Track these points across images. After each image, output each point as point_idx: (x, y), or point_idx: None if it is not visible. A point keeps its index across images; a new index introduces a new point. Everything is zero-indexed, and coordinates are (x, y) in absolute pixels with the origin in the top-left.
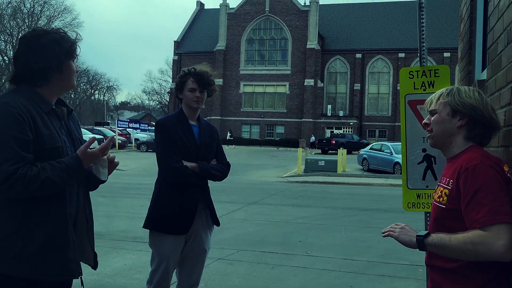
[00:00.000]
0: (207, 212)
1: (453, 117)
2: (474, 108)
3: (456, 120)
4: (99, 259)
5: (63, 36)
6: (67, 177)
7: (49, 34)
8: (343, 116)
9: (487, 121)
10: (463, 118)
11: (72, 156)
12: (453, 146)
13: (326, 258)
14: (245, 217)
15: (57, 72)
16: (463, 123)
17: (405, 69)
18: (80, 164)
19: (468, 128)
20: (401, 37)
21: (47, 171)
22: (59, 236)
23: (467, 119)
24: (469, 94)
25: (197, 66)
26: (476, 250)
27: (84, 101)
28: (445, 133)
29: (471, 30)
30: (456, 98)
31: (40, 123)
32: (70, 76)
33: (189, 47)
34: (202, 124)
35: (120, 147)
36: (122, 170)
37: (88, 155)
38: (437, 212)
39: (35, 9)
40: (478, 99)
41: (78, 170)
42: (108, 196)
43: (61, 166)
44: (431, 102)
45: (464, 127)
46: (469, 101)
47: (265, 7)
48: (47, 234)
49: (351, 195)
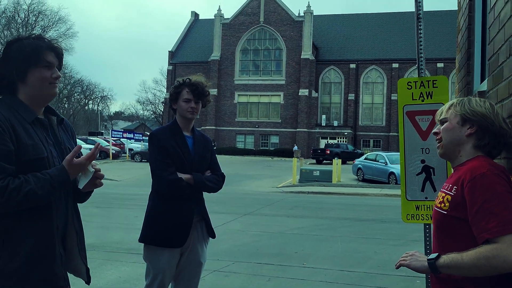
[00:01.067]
0: (203, 224)
1: (463, 125)
2: (484, 117)
3: (465, 128)
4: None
5: (30, 43)
6: (52, 189)
7: (19, 41)
8: (337, 126)
9: (497, 130)
10: (472, 127)
11: (58, 167)
12: (461, 154)
13: (323, 270)
14: (240, 228)
15: (21, 82)
16: (472, 131)
17: (403, 80)
18: (66, 175)
19: (478, 137)
20: (395, 47)
21: (30, 183)
22: (45, 250)
23: (477, 128)
24: (480, 103)
25: (192, 76)
26: (491, 264)
27: (78, 111)
28: (454, 141)
29: (469, 40)
30: (467, 107)
31: (22, 133)
32: (37, 84)
33: (184, 57)
34: (196, 135)
35: (114, 157)
36: (116, 180)
37: (74, 165)
38: (438, 218)
39: (30, 19)
40: (489, 108)
41: (64, 182)
42: (102, 207)
43: (45, 178)
44: (441, 112)
45: (474, 135)
46: (480, 109)
47: (260, 18)
48: (32, 249)
49: (346, 205)
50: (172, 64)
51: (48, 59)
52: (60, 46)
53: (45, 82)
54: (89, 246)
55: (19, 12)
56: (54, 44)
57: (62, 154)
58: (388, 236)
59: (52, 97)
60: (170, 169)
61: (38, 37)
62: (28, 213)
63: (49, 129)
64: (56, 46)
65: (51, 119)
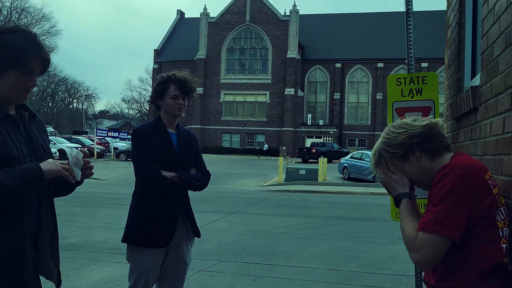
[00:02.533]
0: (188, 223)
1: (408, 159)
2: (408, 137)
3: (411, 157)
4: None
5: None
6: (23, 181)
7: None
8: (323, 125)
9: (425, 132)
10: (412, 151)
11: (30, 163)
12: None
13: (309, 269)
14: (226, 227)
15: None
16: (418, 153)
17: (392, 76)
18: (39, 169)
19: (425, 151)
20: (380, 47)
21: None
22: (15, 254)
23: (415, 148)
24: (390, 136)
25: (176, 72)
26: (407, 243)
27: (62, 109)
28: (420, 173)
29: (459, 36)
30: (389, 149)
31: None
32: (10, 87)
33: (169, 56)
34: (181, 132)
35: (99, 156)
36: (101, 179)
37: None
38: None
39: (12, 16)
40: (401, 131)
41: (37, 176)
42: (86, 206)
43: (15, 170)
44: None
45: (422, 154)
46: (398, 139)
47: (246, 17)
48: (1, 252)
49: (332, 204)
50: (158, 63)
51: (30, 66)
52: (49, 55)
53: (18, 87)
54: (72, 246)
55: (1, 9)
56: (44, 54)
57: (34, 151)
58: (374, 234)
59: (21, 102)
60: (154, 167)
61: (32, 38)
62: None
63: (21, 125)
64: (45, 56)
65: (23, 114)
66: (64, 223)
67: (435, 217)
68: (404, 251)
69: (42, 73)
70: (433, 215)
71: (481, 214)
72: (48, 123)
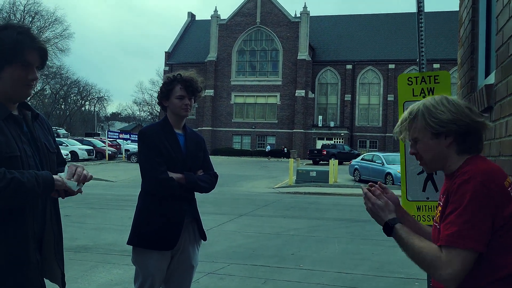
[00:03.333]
0: (194, 225)
1: (438, 138)
2: (454, 121)
3: (442, 140)
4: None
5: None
6: (36, 184)
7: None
8: (334, 127)
9: (472, 127)
10: (448, 136)
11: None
12: (449, 164)
13: (319, 272)
14: (236, 229)
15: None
16: (450, 140)
17: (403, 76)
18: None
19: (458, 142)
20: (391, 48)
21: (13, 173)
22: (19, 256)
23: (453, 135)
24: (440, 108)
25: (182, 72)
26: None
27: (74, 112)
28: (436, 157)
29: (473, 33)
30: (430, 120)
31: None
32: (10, 83)
33: (180, 58)
34: (188, 133)
35: (110, 158)
36: (112, 181)
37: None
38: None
39: (26, 19)
40: (451, 110)
41: (48, 183)
42: (97, 208)
43: (30, 172)
44: (400, 132)
45: (453, 143)
46: (444, 116)
47: (256, 19)
48: (5, 255)
49: (343, 206)
50: (169, 65)
51: (27, 58)
52: (45, 46)
53: (19, 82)
54: (82, 248)
55: (15, 13)
56: (38, 43)
57: (38, 151)
58: (385, 237)
59: (25, 98)
60: (161, 168)
61: (25, 31)
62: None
63: (24, 125)
64: (41, 46)
65: (26, 114)
66: (74, 224)
67: (460, 230)
68: None
69: (42, 66)
70: (458, 227)
71: (502, 222)
72: (60, 125)
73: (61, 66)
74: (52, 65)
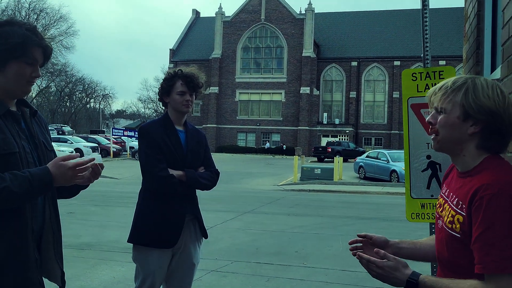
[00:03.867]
0: (195, 223)
1: (465, 121)
2: (493, 114)
3: (468, 125)
4: (87, 272)
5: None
6: (30, 188)
7: (10, 26)
8: (339, 124)
9: (506, 128)
10: (477, 124)
11: (40, 167)
12: (464, 154)
13: (323, 270)
14: (240, 226)
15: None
16: (476, 129)
17: (407, 71)
18: (48, 175)
19: (482, 136)
20: (396, 45)
21: (5, 181)
22: (18, 255)
23: (482, 126)
24: (488, 93)
25: (182, 67)
26: None
27: (79, 109)
28: (453, 139)
29: (478, 28)
30: (471, 98)
31: None
32: (14, 78)
33: (185, 55)
34: (189, 129)
35: (115, 156)
36: (116, 178)
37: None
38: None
39: (31, 17)
40: (498, 101)
41: (46, 183)
42: (101, 205)
43: (23, 175)
44: (434, 93)
45: (478, 134)
46: (488, 103)
47: (261, 15)
48: (4, 254)
49: (348, 203)
50: (173, 62)
51: (34, 55)
52: (51, 44)
53: (23, 79)
54: (85, 245)
55: (20, 11)
56: (46, 43)
57: (36, 149)
58: (390, 235)
59: (25, 94)
60: (161, 165)
61: (32, 29)
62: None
63: (22, 122)
64: (47, 44)
65: (24, 111)
66: (78, 222)
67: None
68: None
69: (44, 64)
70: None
71: None
72: (65, 122)
73: (66, 64)
74: (57, 63)
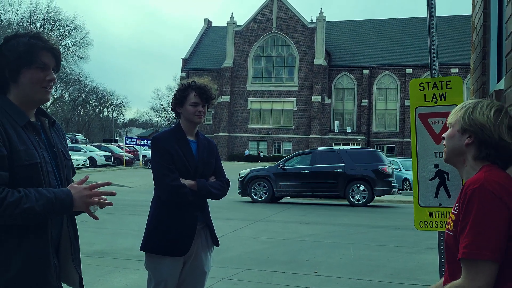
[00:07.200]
0: (207, 231)
1: (463, 134)
2: (482, 127)
3: (465, 137)
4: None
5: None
6: (52, 210)
7: (15, 38)
8: (350, 132)
9: (495, 142)
10: (470, 136)
11: (65, 191)
12: (466, 165)
13: (334, 278)
14: (251, 234)
15: (13, 82)
16: (470, 141)
17: (415, 81)
18: (71, 201)
19: (476, 147)
20: (408, 53)
21: (30, 200)
22: (39, 260)
23: (474, 138)
24: (483, 111)
25: (196, 78)
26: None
27: (93, 118)
28: (455, 150)
29: (484, 38)
30: (467, 115)
31: (14, 137)
32: (29, 86)
33: (197, 64)
34: (201, 139)
35: (128, 164)
36: (129, 187)
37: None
38: (448, 240)
39: (46, 27)
40: (491, 118)
41: (66, 207)
42: (114, 214)
43: (48, 197)
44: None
45: (472, 145)
46: (480, 119)
47: (272, 24)
48: (25, 259)
49: (359, 211)
50: (186, 71)
51: (43, 59)
52: (57, 46)
53: (38, 84)
54: (99, 253)
55: (35, 21)
56: (51, 44)
57: (55, 158)
58: (402, 243)
59: (43, 102)
60: (173, 175)
61: (36, 35)
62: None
63: (42, 132)
64: (54, 47)
65: (43, 121)
66: (92, 230)
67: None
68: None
69: (58, 68)
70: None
71: None
72: (79, 131)
73: (80, 73)
74: (71, 72)
